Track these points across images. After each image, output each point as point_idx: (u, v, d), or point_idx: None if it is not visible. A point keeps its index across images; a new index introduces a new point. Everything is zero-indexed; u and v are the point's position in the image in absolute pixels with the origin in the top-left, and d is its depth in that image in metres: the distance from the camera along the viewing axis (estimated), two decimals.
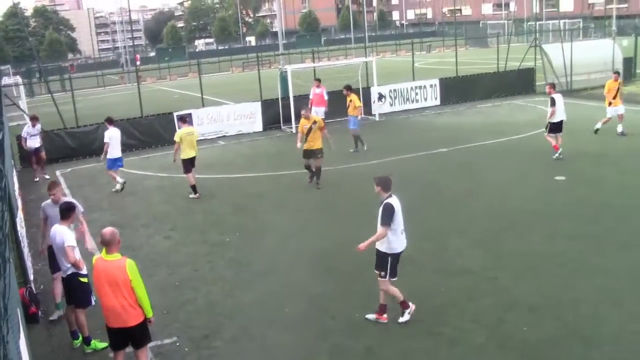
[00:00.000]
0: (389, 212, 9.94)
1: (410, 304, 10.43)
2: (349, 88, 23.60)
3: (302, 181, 19.40)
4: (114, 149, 19.87)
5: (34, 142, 23.10)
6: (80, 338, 10.36)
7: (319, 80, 27.04)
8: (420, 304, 10.84)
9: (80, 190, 20.88)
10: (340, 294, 11.69)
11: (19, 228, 13.13)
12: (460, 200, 16.77)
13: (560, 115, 20.11)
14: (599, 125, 23.07)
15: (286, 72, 29.51)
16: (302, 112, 19.24)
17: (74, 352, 10.39)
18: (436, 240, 13.90)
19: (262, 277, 12.71)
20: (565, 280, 11.57)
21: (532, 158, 20.61)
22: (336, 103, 28.26)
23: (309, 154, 18.82)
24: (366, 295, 11.43)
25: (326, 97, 26.71)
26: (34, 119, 23.39)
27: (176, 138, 18.57)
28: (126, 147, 26.39)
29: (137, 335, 8.58)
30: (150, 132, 27.22)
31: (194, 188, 18.85)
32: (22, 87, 45.80)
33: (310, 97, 26.85)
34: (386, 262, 10.17)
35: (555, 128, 20.23)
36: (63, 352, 10.42)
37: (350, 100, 23.22)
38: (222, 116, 28.88)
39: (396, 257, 10.22)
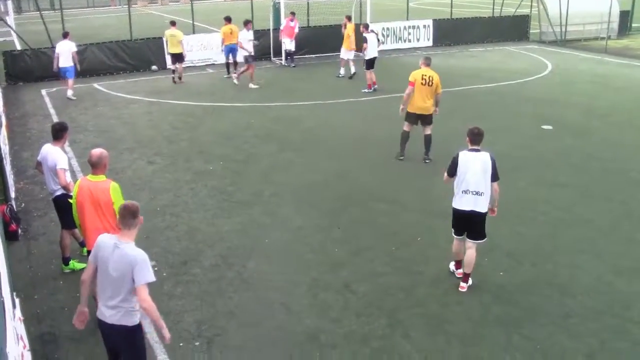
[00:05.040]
0: (451, 162, 9.66)
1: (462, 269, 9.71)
2: (228, 19, 25.33)
3: (288, 114, 19.18)
4: (60, 60, 21.68)
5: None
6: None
7: (293, 13, 28.19)
8: (402, 243, 10.91)
9: (65, 110, 20.63)
10: (322, 228, 11.70)
11: (2, 145, 12.97)
12: (446, 143, 16.69)
13: (372, 52, 22.32)
14: None
15: (279, 3, 29.12)
16: (421, 61, 15.74)
17: (51, 270, 10.38)
18: (422, 181, 13.92)
19: (244, 207, 12.69)
20: (547, 228, 11.66)
21: (521, 106, 20.55)
22: (325, 38, 29.62)
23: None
24: (348, 231, 11.48)
25: (296, 31, 28.04)
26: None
27: (165, 37, 24.60)
28: (114, 70, 26.33)
29: None
30: (140, 56, 26.84)
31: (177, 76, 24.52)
32: (9, 3, 44.80)
33: (281, 28, 28.20)
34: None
35: (369, 64, 22.38)
36: (41, 270, 10.40)
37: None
38: (212, 44, 28.50)
39: (456, 213, 9.61)
